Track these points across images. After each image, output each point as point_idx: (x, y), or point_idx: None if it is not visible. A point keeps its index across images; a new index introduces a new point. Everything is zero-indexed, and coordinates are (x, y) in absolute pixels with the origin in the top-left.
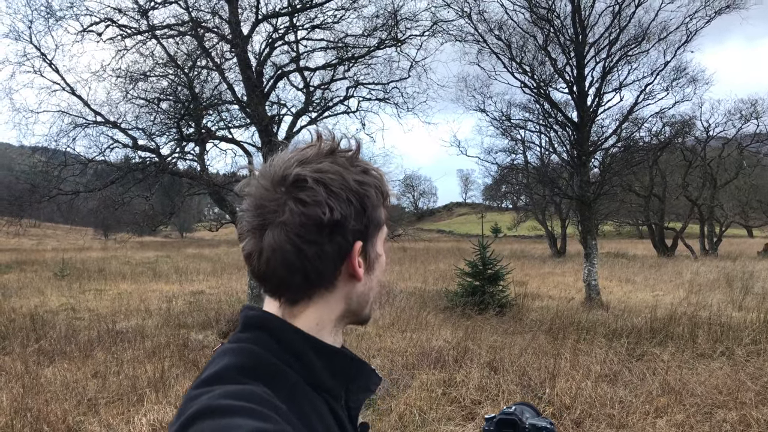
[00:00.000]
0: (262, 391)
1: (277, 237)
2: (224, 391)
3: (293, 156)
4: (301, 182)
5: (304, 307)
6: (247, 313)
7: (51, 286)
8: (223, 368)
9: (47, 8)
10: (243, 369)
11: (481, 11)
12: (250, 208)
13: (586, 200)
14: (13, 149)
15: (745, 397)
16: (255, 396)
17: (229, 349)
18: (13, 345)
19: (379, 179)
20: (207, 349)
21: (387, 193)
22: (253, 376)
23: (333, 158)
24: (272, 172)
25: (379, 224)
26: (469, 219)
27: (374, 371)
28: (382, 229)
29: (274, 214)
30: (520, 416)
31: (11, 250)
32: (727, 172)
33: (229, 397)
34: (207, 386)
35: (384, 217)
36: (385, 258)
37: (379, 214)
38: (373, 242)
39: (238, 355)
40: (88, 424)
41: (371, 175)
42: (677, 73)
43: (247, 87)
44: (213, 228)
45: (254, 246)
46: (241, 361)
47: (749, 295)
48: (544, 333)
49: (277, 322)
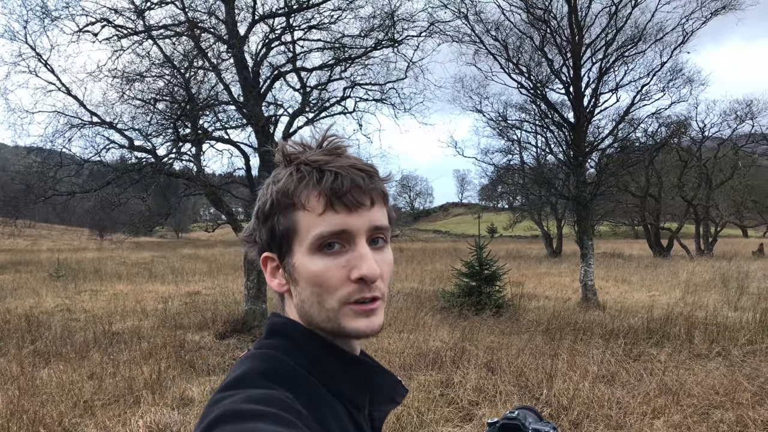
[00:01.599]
0: (284, 396)
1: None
2: (247, 395)
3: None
4: None
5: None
6: (273, 320)
7: (46, 287)
8: (246, 373)
9: (43, 8)
10: (265, 374)
11: (478, 12)
12: None
13: (582, 200)
14: (8, 149)
15: (741, 398)
16: (277, 401)
17: (252, 355)
18: (8, 346)
19: (287, 182)
20: (203, 350)
21: (298, 195)
22: (276, 381)
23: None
24: None
25: (294, 230)
26: (465, 219)
27: (400, 382)
28: (307, 234)
29: None
30: (523, 421)
31: (6, 250)
32: (723, 172)
33: (251, 402)
34: (230, 390)
35: (308, 221)
36: (323, 265)
37: (291, 220)
38: (291, 251)
39: (260, 361)
40: (85, 426)
41: (277, 180)
42: (673, 74)
43: (244, 87)
44: (209, 228)
45: None
46: (263, 366)
47: (745, 295)
48: (541, 333)
49: (299, 330)
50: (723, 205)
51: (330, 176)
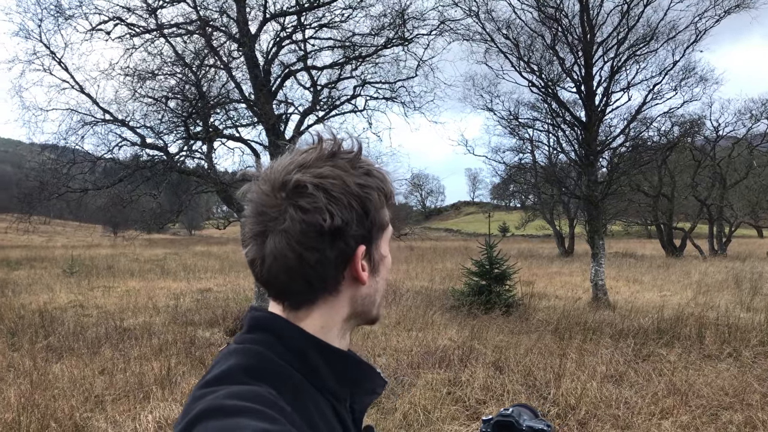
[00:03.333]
0: (267, 392)
1: (278, 244)
2: (229, 391)
3: (294, 160)
4: (301, 188)
5: (308, 310)
6: (253, 314)
7: (60, 283)
8: (229, 369)
9: (57, 7)
10: (248, 370)
11: (489, 10)
12: (251, 215)
13: (593, 200)
14: (23, 147)
15: (751, 399)
16: (260, 397)
17: (234, 350)
18: (22, 341)
19: (381, 180)
20: (213, 347)
21: (390, 194)
22: (259, 377)
23: (334, 161)
24: (273, 177)
25: (383, 226)
26: (476, 218)
27: (379, 374)
28: (386, 230)
29: (275, 222)
30: (518, 418)
31: (22, 246)
32: (737, 172)
33: (234, 398)
34: (212, 386)
35: (388, 217)
36: (390, 258)
37: (383, 216)
38: (377, 244)
39: (243, 356)
40: (95, 420)
41: (373, 176)
42: (686, 73)
43: (255, 86)
44: (221, 226)
45: (256, 253)
46: (246, 362)
47: (758, 296)
48: (550, 333)
49: (282, 324)
50: (737, 205)
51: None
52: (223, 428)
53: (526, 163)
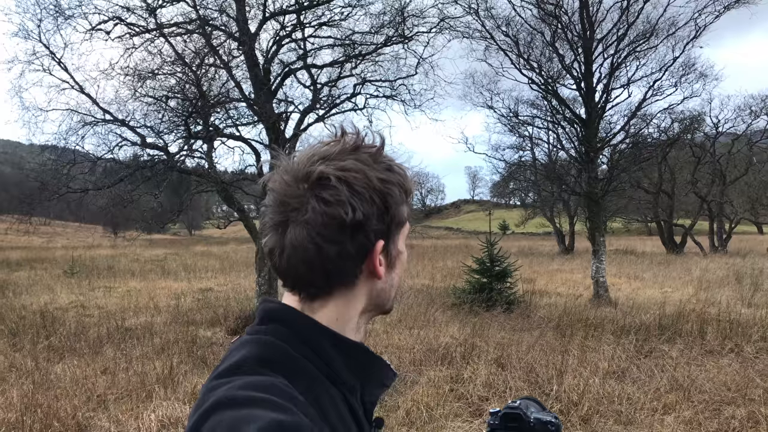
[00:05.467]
0: (281, 383)
1: (298, 235)
2: (243, 382)
3: (317, 151)
4: (324, 180)
5: (323, 302)
6: (266, 306)
7: (61, 284)
8: (242, 359)
9: (56, 7)
10: (261, 360)
11: (489, 8)
12: (272, 204)
13: (594, 197)
14: (22, 147)
15: (753, 394)
16: (274, 387)
17: (247, 341)
18: (23, 342)
19: (402, 176)
20: (215, 346)
21: (410, 190)
22: (272, 368)
23: (357, 155)
24: (295, 167)
25: (402, 222)
26: (477, 216)
27: (389, 366)
28: (404, 226)
29: (297, 212)
30: (525, 410)
31: (22, 247)
32: (737, 168)
33: (248, 388)
34: (226, 377)
35: (406, 214)
36: (406, 254)
37: (402, 212)
38: (394, 240)
39: (256, 347)
40: (98, 420)
41: (395, 172)
42: (686, 69)
43: (255, 84)
44: (221, 225)
45: (276, 242)
46: (259, 353)
47: (759, 291)
48: (552, 330)
49: (296, 315)
50: (737, 202)
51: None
52: (237, 419)
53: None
